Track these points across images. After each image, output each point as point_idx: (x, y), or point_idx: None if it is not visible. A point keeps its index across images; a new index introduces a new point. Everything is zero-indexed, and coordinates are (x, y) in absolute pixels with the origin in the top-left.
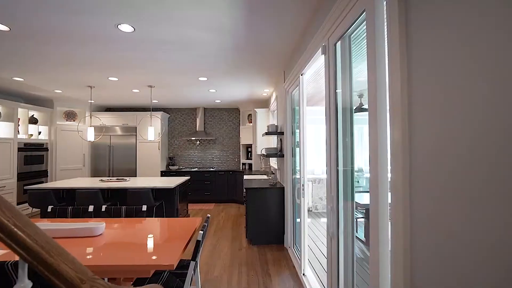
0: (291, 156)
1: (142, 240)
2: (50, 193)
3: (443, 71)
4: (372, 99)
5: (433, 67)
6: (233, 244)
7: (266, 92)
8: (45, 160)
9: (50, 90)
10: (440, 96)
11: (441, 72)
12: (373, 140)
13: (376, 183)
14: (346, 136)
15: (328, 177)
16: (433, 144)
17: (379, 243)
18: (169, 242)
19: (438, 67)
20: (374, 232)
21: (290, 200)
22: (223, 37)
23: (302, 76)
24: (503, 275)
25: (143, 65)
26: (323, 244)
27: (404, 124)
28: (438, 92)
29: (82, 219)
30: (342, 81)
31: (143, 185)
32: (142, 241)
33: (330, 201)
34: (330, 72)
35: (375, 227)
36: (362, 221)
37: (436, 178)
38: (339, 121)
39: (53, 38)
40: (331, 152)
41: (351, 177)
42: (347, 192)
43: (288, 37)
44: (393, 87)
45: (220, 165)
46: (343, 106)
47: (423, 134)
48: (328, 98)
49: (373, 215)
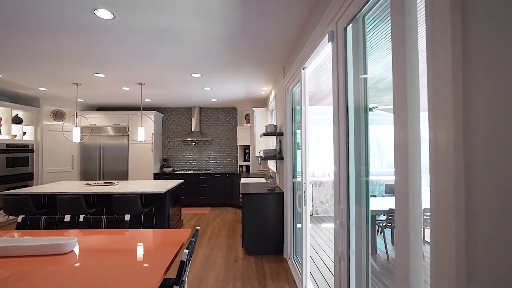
0: (291, 158)
1: (118, 259)
2: (28, 199)
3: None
4: (399, 95)
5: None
6: (228, 254)
7: (264, 90)
8: (31, 162)
9: (34, 87)
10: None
11: None
12: (401, 141)
13: (404, 189)
14: (359, 138)
15: (336, 186)
16: (494, 147)
17: (409, 257)
18: (151, 260)
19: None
20: (402, 240)
21: (290, 206)
22: (216, 27)
23: (304, 71)
24: None
25: (129, 59)
26: (325, 253)
27: (457, 124)
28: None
29: (56, 230)
30: (354, 73)
31: (130, 190)
32: (118, 260)
33: (338, 215)
34: (339, 62)
35: (404, 235)
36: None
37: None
38: (350, 120)
39: (25, 26)
40: (340, 157)
41: (365, 188)
42: (361, 203)
43: (288, 25)
44: (438, 81)
45: (217, 167)
46: (355, 102)
47: (483, 135)
48: (336, 93)
49: (401, 222)
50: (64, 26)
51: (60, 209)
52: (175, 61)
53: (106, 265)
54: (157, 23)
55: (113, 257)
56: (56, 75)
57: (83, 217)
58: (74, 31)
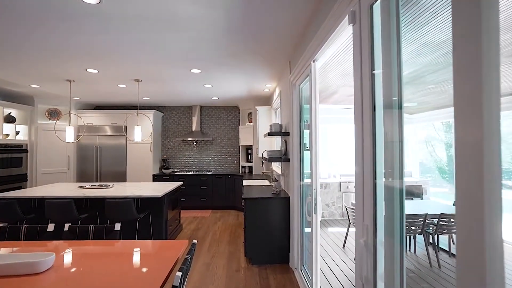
0: (299, 160)
1: (100, 282)
2: (14, 203)
3: None
4: (464, 84)
5: None
6: (230, 263)
7: (268, 88)
8: (24, 163)
9: (26, 85)
10: None
11: None
12: (470, 140)
13: (477, 191)
14: (390, 139)
15: (359, 198)
16: None
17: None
18: (137, 284)
19: None
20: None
21: (297, 212)
22: (215, 13)
23: (314, 63)
24: None
25: (122, 53)
26: (333, 260)
27: None
28: None
29: (38, 242)
30: (384, 60)
31: (125, 194)
32: (100, 283)
33: (362, 233)
34: (362, 48)
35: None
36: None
37: None
38: (379, 118)
39: (4, 16)
40: (364, 164)
41: (399, 196)
42: (394, 216)
43: (296, 10)
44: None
45: (218, 168)
46: (385, 97)
47: None
48: (359, 86)
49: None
50: (47, 14)
51: (48, 215)
52: (172, 55)
53: (88, 286)
54: (148, 8)
55: (95, 277)
56: (45, 71)
57: (68, 226)
58: (57, 19)
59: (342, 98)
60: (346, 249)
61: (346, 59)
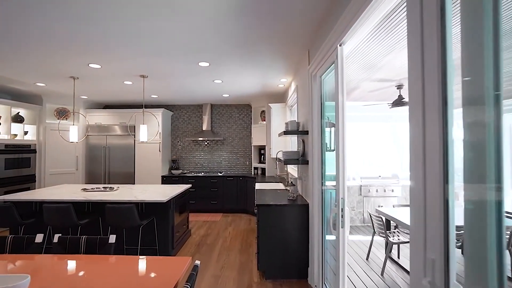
0: (319, 163)
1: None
2: (12, 208)
3: None
4: None
5: None
6: (241, 277)
7: (282, 83)
8: (33, 163)
9: (31, 82)
10: None
11: None
12: None
13: None
14: (476, 137)
15: (417, 222)
16: None
17: None
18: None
19: None
20: None
21: (318, 222)
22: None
23: (341, 47)
24: None
25: (123, 43)
26: (356, 274)
27: None
28: None
29: (23, 255)
30: (465, 34)
31: (127, 198)
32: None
33: (424, 270)
34: (424, 21)
35: None
36: None
37: None
38: (450, 115)
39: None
40: (427, 173)
41: (496, 219)
42: (484, 246)
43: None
44: None
45: (229, 170)
46: (470, 85)
47: None
48: (420, 74)
49: None
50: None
51: (47, 220)
52: (176, 44)
53: None
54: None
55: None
56: (48, 67)
57: (58, 237)
58: (47, 2)
59: (363, 94)
60: (370, 261)
61: (371, 49)
